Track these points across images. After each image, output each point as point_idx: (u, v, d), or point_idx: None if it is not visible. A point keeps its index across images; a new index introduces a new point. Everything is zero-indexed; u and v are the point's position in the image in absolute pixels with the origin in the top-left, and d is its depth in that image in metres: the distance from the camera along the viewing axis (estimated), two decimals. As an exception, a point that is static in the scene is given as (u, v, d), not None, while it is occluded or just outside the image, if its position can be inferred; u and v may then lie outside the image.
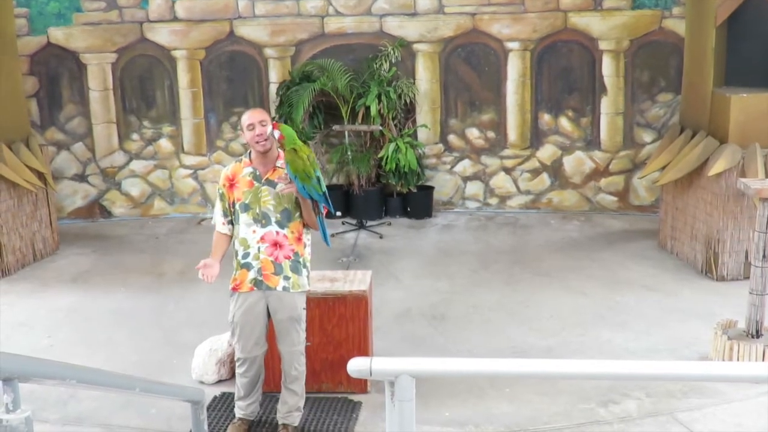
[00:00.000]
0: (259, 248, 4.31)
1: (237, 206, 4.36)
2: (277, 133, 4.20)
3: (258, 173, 4.35)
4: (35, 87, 8.84)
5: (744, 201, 6.61)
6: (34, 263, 7.61)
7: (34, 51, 8.76)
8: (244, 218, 4.34)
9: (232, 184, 4.39)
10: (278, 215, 4.32)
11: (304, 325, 4.47)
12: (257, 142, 4.27)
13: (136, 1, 8.75)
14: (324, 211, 4.39)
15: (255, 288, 4.34)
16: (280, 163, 4.33)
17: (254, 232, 4.32)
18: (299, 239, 4.38)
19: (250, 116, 4.31)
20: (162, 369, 5.33)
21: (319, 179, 4.28)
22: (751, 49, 6.92)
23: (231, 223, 4.44)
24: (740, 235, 6.71)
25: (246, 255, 4.34)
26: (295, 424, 4.52)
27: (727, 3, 6.85)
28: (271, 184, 4.32)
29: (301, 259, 4.39)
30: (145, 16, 8.81)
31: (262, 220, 4.32)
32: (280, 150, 4.35)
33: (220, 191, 4.44)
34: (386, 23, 8.84)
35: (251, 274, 4.33)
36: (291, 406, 4.50)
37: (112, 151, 9.08)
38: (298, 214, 4.35)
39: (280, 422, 4.53)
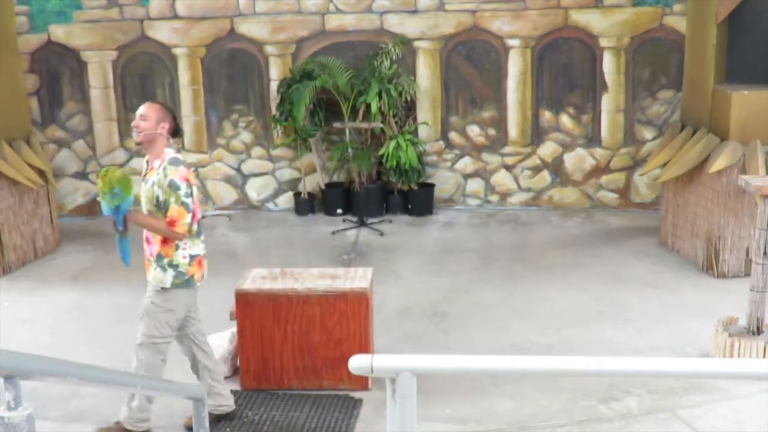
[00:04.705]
0: (144, 237, 4.47)
1: None
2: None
3: (145, 169, 4.46)
4: (36, 85, 8.84)
5: (745, 198, 6.60)
6: (35, 261, 7.62)
7: (35, 49, 8.76)
8: None
9: None
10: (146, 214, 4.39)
11: (155, 323, 4.41)
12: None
13: (136, -2, 8.78)
14: (122, 229, 4.30)
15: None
16: (157, 163, 4.33)
17: None
18: (165, 241, 4.37)
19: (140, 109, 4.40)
20: (163, 366, 5.33)
21: (115, 195, 4.15)
22: (752, 46, 6.91)
23: None
24: (741, 232, 6.71)
25: None
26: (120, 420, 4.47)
27: (729, 0, 6.84)
28: (147, 182, 4.38)
29: (165, 261, 4.39)
30: (145, 13, 8.80)
31: None
32: (166, 149, 4.33)
33: None
34: (387, 20, 8.83)
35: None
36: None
37: (112, 149, 9.08)
38: (160, 216, 4.32)
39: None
